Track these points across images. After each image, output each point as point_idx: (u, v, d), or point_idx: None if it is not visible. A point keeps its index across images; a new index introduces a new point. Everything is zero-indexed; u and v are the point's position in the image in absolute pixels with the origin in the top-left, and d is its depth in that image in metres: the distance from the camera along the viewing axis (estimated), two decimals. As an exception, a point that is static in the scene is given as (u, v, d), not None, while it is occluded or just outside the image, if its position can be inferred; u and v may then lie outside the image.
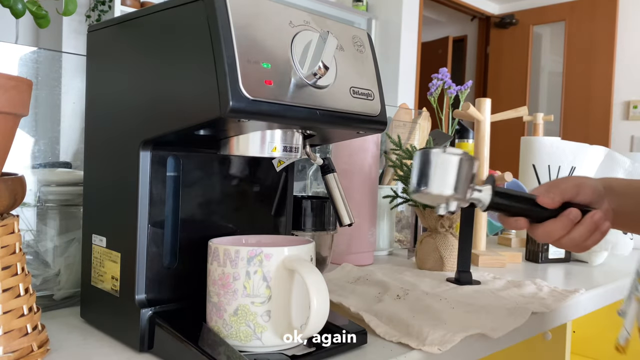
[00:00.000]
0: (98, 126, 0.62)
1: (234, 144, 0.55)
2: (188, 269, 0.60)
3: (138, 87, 0.56)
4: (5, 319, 0.49)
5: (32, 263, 0.67)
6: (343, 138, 0.69)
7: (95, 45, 0.62)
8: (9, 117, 0.49)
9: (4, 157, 0.51)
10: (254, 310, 0.53)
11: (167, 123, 0.52)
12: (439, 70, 1.48)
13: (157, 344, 0.55)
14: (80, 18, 3.00)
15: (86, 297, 0.63)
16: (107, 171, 0.60)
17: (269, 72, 0.48)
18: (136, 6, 3.03)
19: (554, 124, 4.75)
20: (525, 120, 1.50)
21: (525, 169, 1.40)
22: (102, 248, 0.60)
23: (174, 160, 0.59)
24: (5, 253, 0.50)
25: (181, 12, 0.50)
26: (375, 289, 0.81)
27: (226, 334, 0.54)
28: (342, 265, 0.96)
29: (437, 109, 1.47)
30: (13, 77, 0.49)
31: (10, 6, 0.55)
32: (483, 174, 1.14)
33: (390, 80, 4.15)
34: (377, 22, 4.29)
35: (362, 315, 0.66)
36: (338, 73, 0.54)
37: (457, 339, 0.61)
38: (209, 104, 0.47)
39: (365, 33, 0.60)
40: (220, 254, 0.54)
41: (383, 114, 0.59)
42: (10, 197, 0.50)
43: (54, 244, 0.68)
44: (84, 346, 0.58)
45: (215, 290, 0.54)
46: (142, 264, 0.56)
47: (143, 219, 0.56)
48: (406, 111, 1.42)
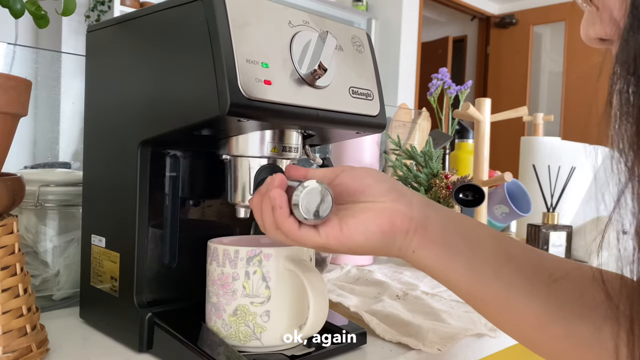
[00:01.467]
0: (97, 126, 0.62)
1: (233, 144, 0.55)
2: (187, 269, 0.60)
3: (137, 87, 0.55)
4: (5, 319, 0.49)
5: (31, 263, 0.67)
6: (342, 138, 0.69)
7: (95, 46, 0.62)
8: (8, 117, 0.49)
9: (3, 157, 0.51)
10: (254, 310, 0.53)
11: (166, 123, 0.52)
12: (439, 70, 1.48)
13: (157, 345, 0.55)
14: (79, 18, 3.00)
15: (85, 297, 0.63)
16: (107, 171, 0.60)
17: (268, 71, 0.48)
18: (135, 6, 3.04)
19: (554, 124, 4.75)
20: (525, 120, 1.50)
21: (525, 169, 1.40)
22: (102, 248, 0.60)
23: (173, 160, 0.59)
24: (5, 253, 0.50)
25: (180, 12, 0.50)
26: (375, 289, 0.81)
27: (225, 334, 0.54)
28: (341, 266, 0.96)
29: (437, 109, 1.47)
30: (12, 77, 0.49)
31: (9, 6, 0.55)
32: (483, 174, 1.14)
33: (390, 80, 4.15)
34: (377, 22, 4.29)
35: (362, 315, 0.66)
36: (337, 73, 0.54)
37: (457, 339, 0.61)
38: (208, 103, 0.47)
39: (365, 33, 0.60)
40: (219, 254, 0.54)
41: (382, 114, 0.59)
42: (9, 197, 0.50)
43: (53, 244, 0.68)
44: (83, 346, 0.58)
45: (215, 290, 0.54)
46: (141, 264, 0.56)
47: (142, 219, 0.56)
48: (406, 111, 1.42)
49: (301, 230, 0.44)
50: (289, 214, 0.44)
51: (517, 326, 0.43)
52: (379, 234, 0.43)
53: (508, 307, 0.42)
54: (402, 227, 0.44)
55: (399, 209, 0.44)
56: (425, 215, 0.44)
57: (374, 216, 0.44)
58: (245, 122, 0.49)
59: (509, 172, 1.07)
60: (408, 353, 0.59)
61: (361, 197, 0.45)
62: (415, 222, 0.44)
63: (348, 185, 0.46)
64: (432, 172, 0.98)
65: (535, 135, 1.51)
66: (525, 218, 1.28)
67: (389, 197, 0.44)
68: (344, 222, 0.44)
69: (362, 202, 0.45)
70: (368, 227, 0.43)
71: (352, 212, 0.44)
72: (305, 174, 0.48)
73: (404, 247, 0.44)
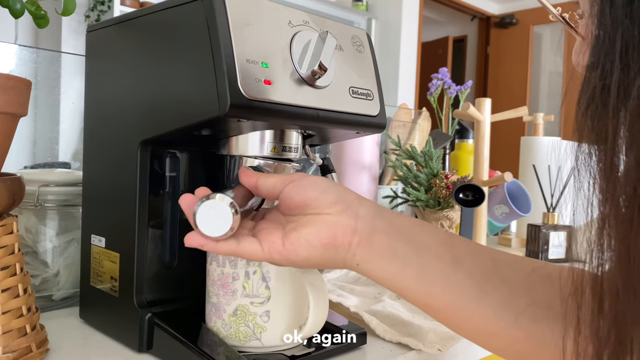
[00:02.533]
0: (97, 126, 0.62)
1: (233, 144, 0.55)
2: (187, 269, 0.60)
3: (137, 87, 0.55)
4: (5, 319, 0.49)
5: (31, 263, 0.67)
6: (342, 138, 0.69)
7: (95, 45, 0.62)
8: (7, 117, 0.49)
9: (3, 157, 0.51)
10: (254, 310, 0.53)
11: (166, 123, 0.52)
12: (439, 70, 1.48)
13: (156, 345, 0.55)
14: (79, 18, 3.00)
15: (85, 297, 0.63)
16: (106, 171, 0.60)
17: (267, 71, 0.48)
18: (135, 6, 3.04)
19: (554, 124, 4.75)
20: (525, 120, 1.50)
21: (525, 169, 1.40)
22: (101, 248, 0.60)
23: (173, 160, 0.59)
24: (4, 253, 0.50)
25: (180, 12, 0.50)
26: (375, 289, 0.81)
27: (225, 335, 0.54)
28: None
29: (437, 109, 1.47)
30: (12, 77, 0.49)
31: (9, 6, 0.55)
32: (483, 174, 1.14)
33: (390, 80, 4.15)
34: (377, 22, 4.29)
35: (362, 315, 0.66)
36: (337, 73, 0.54)
37: (457, 339, 0.61)
38: (208, 103, 0.47)
39: (365, 33, 0.60)
40: (219, 254, 0.54)
41: (382, 114, 0.59)
42: (9, 197, 0.50)
43: (53, 244, 0.68)
44: (83, 346, 0.58)
45: (215, 290, 0.54)
46: (141, 265, 0.56)
47: (142, 219, 0.56)
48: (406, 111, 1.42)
49: (240, 245, 0.43)
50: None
51: (475, 333, 0.43)
52: (321, 248, 0.43)
53: (462, 315, 0.42)
54: (343, 241, 0.43)
55: (342, 221, 0.43)
56: (372, 227, 0.43)
57: (316, 230, 0.43)
58: (245, 122, 0.49)
59: (509, 172, 1.07)
60: (408, 353, 0.59)
61: (307, 210, 0.44)
62: (359, 235, 0.43)
63: (293, 199, 0.45)
64: (432, 172, 0.97)
65: (535, 135, 1.51)
66: (525, 218, 1.28)
67: (335, 209, 0.43)
68: (286, 237, 0.43)
69: (308, 215, 0.44)
70: (310, 241, 0.43)
71: (296, 225, 0.44)
72: (255, 182, 0.47)
73: (348, 260, 0.43)
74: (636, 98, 0.26)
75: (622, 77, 0.27)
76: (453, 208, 0.96)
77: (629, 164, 0.27)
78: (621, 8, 0.27)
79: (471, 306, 0.41)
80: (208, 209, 0.42)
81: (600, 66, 0.28)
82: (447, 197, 0.94)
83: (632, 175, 0.27)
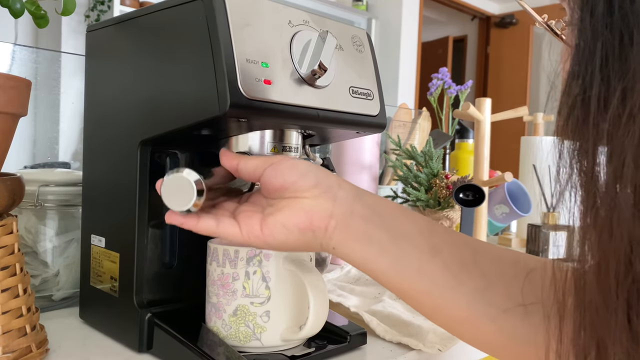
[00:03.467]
0: (97, 126, 0.61)
1: (233, 143, 0.55)
2: (187, 269, 0.60)
3: (137, 86, 0.55)
4: (4, 319, 0.49)
5: (31, 263, 0.67)
6: (342, 138, 0.69)
7: (94, 45, 0.62)
8: (7, 117, 0.49)
9: (3, 157, 0.51)
10: (254, 310, 0.53)
11: (166, 123, 0.52)
12: (439, 70, 1.48)
13: (156, 345, 0.55)
14: (79, 18, 3.01)
15: (85, 297, 0.63)
16: (106, 171, 0.60)
17: (267, 71, 0.48)
18: (135, 6, 3.04)
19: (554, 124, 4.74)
20: (525, 120, 1.50)
21: (525, 169, 1.40)
22: (101, 248, 0.60)
23: (173, 160, 0.59)
24: (4, 253, 0.50)
25: (180, 12, 0.50)
26: (375, 289, 0.81)
27: (225, 335, 0.54)
28: (341, 266, 0.95)
29: (437, 109, 1.47)
30: (12, 77, 0.49)
31: (9, 6, 0.55)
32: (483, 174, 1.14)
33: (390, 80, 4.16)
34: (377, 22, 4.29)
35: (362, 315, 0.66)
36: (337, 73, 0.54)
37: (457, 339, 0.61)
38: (208, 103, 0.47)
39: (365, 33, 0.60)
40: (219, 254, 0.54)
41: (382, 114, 0.59)
42: (9, 197, 0.50)
43: (52, 244, 0.68)
44: (83, 347, 0.58)
45: (215, 290, 0.54)
46: (141, 265, 0.56)
47: (142, 219, 0.56)
48: (406, 111, 1.42)
49: (220, 226, 0.44)
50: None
51: (448, 322, 0.43)
52: (297, 232, 0.43)
53: (434, 303, 0.42)
54: (320, 225, 0.43)
55: (319, 205, 0.43)
56: (350, 211, 0.44)
57: (292, 214, 0.43)
58: (245, 121, 0.49)
59: (509, 172, 1.07)
60: (408, 353, 0.59)
61: (285, 193, 0.45)
62: (335, 219, 0.43)
63: (272, 182, 0.45)
64: (432, 172, 0.97)
65: (535, 135, 1.51)
66: (525, 218, 1.28)
67: (312, 192, 0.44)
68: (264, 220, 0.44)
69: (286, 198, 0.44)
70: (286, 225, 0.43)
71: (273, 209, 0.44)
72: (236, 164, 0.48)
73: (324, 243, 0.44)
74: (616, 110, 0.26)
75: (602, 88, 0.27)
76: (453, 208, 0.95)
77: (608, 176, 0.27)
78: (601, 18, 0.27)
79: (445, 295, 0.41)
80: (173, 182, 0.42)
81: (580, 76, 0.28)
82: (447, 197, 0.94)
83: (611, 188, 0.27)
